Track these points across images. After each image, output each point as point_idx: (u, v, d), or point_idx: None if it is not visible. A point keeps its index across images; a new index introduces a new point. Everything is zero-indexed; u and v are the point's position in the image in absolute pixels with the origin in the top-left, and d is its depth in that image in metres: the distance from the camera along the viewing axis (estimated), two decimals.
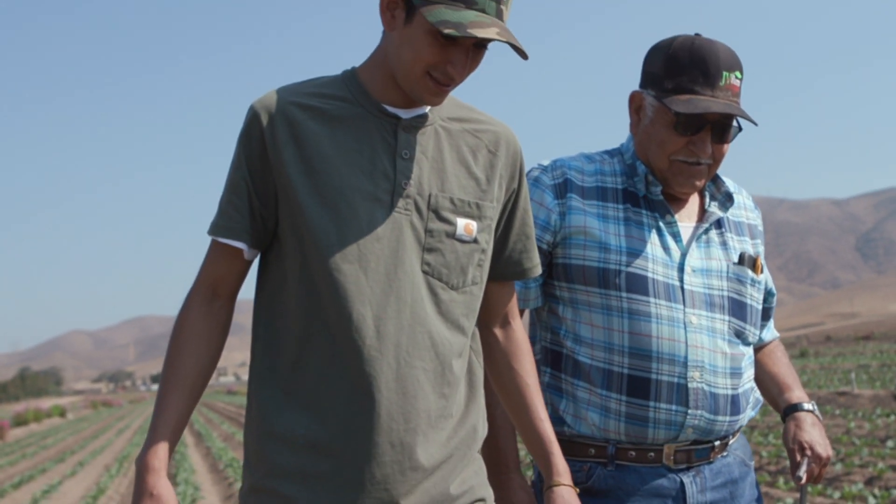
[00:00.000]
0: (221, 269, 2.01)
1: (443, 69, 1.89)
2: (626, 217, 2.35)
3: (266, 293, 2.02)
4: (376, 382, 1.88)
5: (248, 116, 1.98)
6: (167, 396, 1.94)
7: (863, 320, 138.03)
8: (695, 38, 2.32)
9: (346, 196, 1.93)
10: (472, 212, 2.02)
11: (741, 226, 2.49)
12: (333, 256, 1.90)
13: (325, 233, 1.91)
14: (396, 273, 1.93)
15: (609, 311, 2.30)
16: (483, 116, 2.13)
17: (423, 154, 2.00)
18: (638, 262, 2.30)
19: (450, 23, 1.79)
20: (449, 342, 1.98)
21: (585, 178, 2.39)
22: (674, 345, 2.26)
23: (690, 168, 2.32)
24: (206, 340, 1.98)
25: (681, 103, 2.24)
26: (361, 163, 1.95)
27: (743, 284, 2.38)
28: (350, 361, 1.89)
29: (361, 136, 1.97)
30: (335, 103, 1.98)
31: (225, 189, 2.01)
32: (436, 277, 1.98)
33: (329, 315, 1.91)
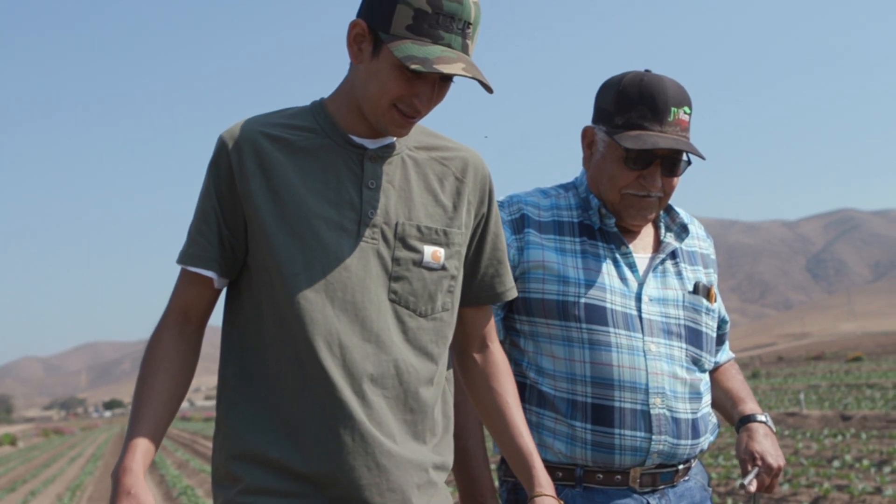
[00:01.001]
0: (192, 297, 2.02)
1: (409, 102, 1.92)
2: (583, 250, 2.40)
3: (235, 320, 2.04)
4: (345, 409, 1.91)
5: (217, 146, 1.99)
6: (142, 410, 1.94)
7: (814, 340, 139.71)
8: (644, 74, 2.37)
9: (313, 226, 1.95)
10: (440, 239, 2.04)
11: (694, 255, 2.54)
12: (300, 285, 1.93)
13: (291, 262, 1.93)
14: (363, 302, 1.95)
15: (570, 342, 2.34)
16: (450, 143, 2.14)
17: (389, 183, 2.02)
18: (596, 293, 2.34)
19: (416, 58, 1.83)
20: (415, 369, 2.00)
21: (542, 213, 2.43)
22: (635, 373, 2.30)
23: (641, 201, 2.37)
24: (179, 361, 1.99)
25: (630, 139, 2.30)
26: (328, 193, 1.97)
27: (698, 313, 2.44)
28: (319, 388, 1.92)
29: (328, 166, 1.99)
30: (302, 134, 2.00)
31: (194, 218, 2.02)
32: (403, 305, 1.99)
33: (297, 343, 1.93)
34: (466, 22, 1.89)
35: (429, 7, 1.85)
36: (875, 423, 16.37)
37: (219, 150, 1.99)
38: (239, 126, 2.01)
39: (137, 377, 2.01)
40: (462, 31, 1.89)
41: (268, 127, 2.00)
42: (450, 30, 1.87)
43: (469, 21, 1.89)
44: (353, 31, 1.93)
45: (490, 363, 2.20)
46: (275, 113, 2.06)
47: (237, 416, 1.99)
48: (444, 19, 1.86)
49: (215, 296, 2.05)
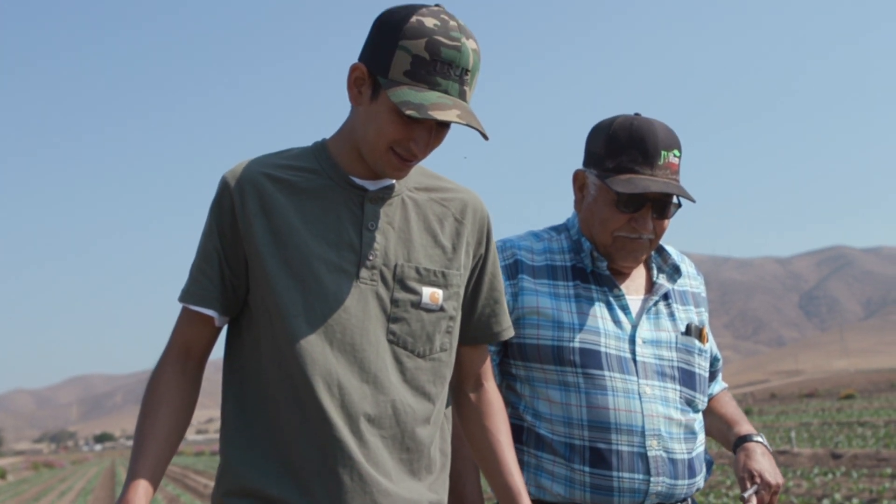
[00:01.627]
0: (192, 334, 2.05)
1: (406, 146, 1.94)
2: (576, 294, 2.42)
3: (236, 358, 2.06)
4: (343, 449, 1.93)
5: (220, 187, 2.02)
6: (144, 446, 1.96)
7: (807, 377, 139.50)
8: (634, 118, 2.39)
9: (313, 268, 1.97)
10: (438, 280, 2.05)
11: (686, 295, 2.56)
12: (300, 326, 1.94)
13: (292, 303, 1.95)
14: (361, 343, 1.97)
15: (566, 386, 2.35)
16: (450, 184, 2.16)
17: (389, 225, 2.03)
18: (591, 337, 2.36)
19: (411, 104, 1.84)
20: (413, 409, 2.02)
21: (535, 258, 2.46)
22: (631, 415, 2.32)
23: (633, 243, 2.39)
24: (180, 398, 2.02)
25: (621, 183, 2.32)
26: (328, 234, 1.99)
27: (691, 354, 2.46)
28: (318, 428, 1.93)
29: (329, 208, 2.01)
30: (304, 175, 2.02)
31: (196, 257, 2.05)
32: (401, 346, 2.02)
33: (297, 383, 1.95)
34: (464, 69, 1.90)
35: (427, 54, 1.87)
36: (865, 461, 16.43)
37: (221, 190, 2.01)
38: (241, 167, 2.03)
39: (139, 413, 2.03)
40: (460, 78, 1.90)
41: (270, 168, 2.02)
42: (447, 76, 1.88)
43: (467, 68, 1.91)
44: (353, 75, 1.95)
45: (484, 402, 2.21)
46: (277, 154, 2.08)
47: (237, 453, 2.01)
48: (441, 66, 1.88)
49: (216, 333, 2.07)
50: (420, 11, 1.91)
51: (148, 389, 2.03)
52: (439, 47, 1.87)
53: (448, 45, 1.88)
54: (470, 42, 1.92)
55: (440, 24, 1.89)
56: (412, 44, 1.87)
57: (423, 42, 1.87)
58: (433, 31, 1.88)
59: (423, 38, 1.87)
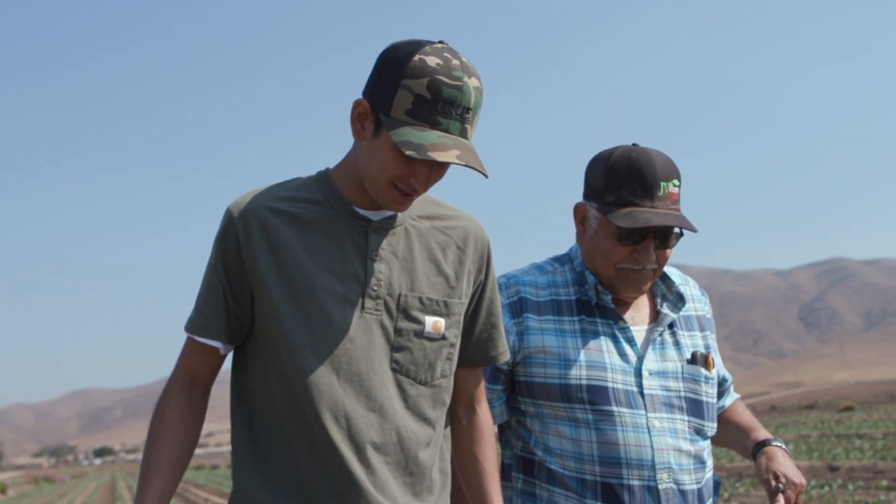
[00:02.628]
0: (197, 363, 2.08)
1: (406, 181, 1.96)
2: (581, 329, 2.42)
3: (244, 385, 2.09)
4: (351, 477, 1.97)
5: (224, 220, 2.04)
6: (149, 476, 2.01)
7: (807, 389, 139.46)
8: (632, 149, 2.39)
9: (318, 299, 1.99)
10: (441, 310, 2.09)
11: (690, 320, 2.56)
12: (307, 358, 1.98)
13: (298, 335, 1.98)
14: (367, 373, 2.01)
15: (576, 423, 2.36)
16: (452, 212, 2.19)
17: (392, 255, 2.06)
18: (597, 373, 2.37)
19: (412, 143, 1.87)
20: (415, 434, 2.05)
21: (540, 293, 2.47)
22: (641, 450, 2.32)
23: (636, 274, 2.40)
24: (185, 426, 2.05)
25: (622, 217, 2.32)
26: (333, 266, 2.02)
27: (697, 383, 2.46)
28: (326, 457, 1.97)
29: (333, 239, 2.03)
30: (308, 207, 2.05)
31: (201, 288, 2.08)
32: (404, 374, 2.05)
33: (305, 413, 1.98)
34: (466, 107, 1.91)
35: (428, 93, 1.88)
36: (862, 473, 16.49)
37: (226, 224, 2.03)
38: (246, 199, 2.05)
39: (146, 441, 2.06)
40: (461, 117, 1.91)
41: (274, 201, 2.04)
42: (448, 115, 1.89)
43: (469, 106, 1.92)
44: (357, 110, 1.96)
45: (475, 426, 2.23)
46: (281, 185, 2.10)
47: (247, 476, 2.05)
48: (443, 105, 1.88)
49: (221, 361, 2.11)
50: (423, 50, 1.92)
51: (154, 418, 2.07)
52: (441, 87, 1.88)
53: (450, 85, 1.89)
54: (472, 80, 1.93)
55: (443, 63, 1.90)
56: (415, 83, 1.88)
57: (425, 81, 1.88)
58: (436, 70, 1.89)
59: (426, 78, 1.88)
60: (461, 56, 1.94)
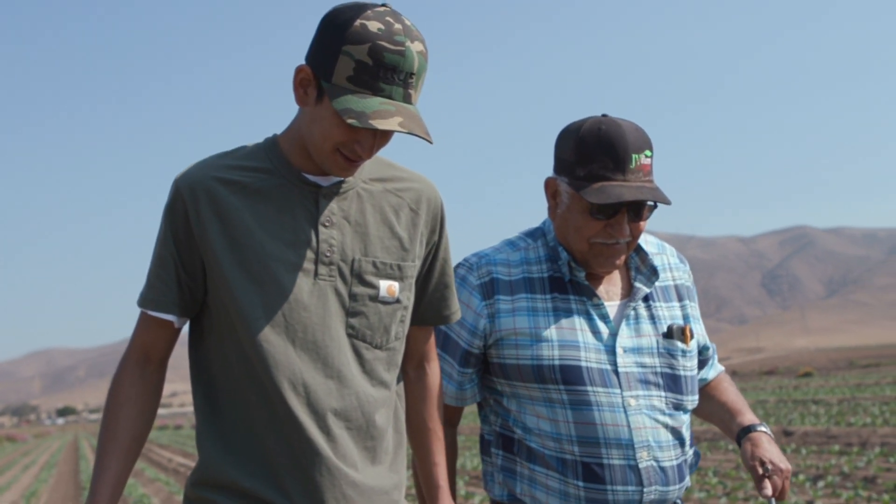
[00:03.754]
0: (152, 338, 2.06)
1: (350, 148, 1.94)
2: (554, 307, 2.39)
3: (202, 357, 2.08)
4: (312, 445, 1.97)
5: (172, 193, 2.02)
6: (105, 459, 2.00)
7: (768, 355, 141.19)
8: (602, 121, 2.33)
9: (270, 268, 1.98)
10: (395, 273, 2.08)
11: (668, 290, 2.52)
12: (261, 328, 1.96)
13: (251, 305, 1.97)
14: (324, 339, 2.00)
15: (551, 403, 2.34)
16: (404, 173, 2.16)
17: (345, 219, 2.04)
18: (570, 352, 2.34)
19: (353, 111, 1.84)
20: (373, 398, 2.05)
21: (512, 271, 2.43)
22: (618, 430, 2.30)
23: (610, 249, 2.36)
24: (140, 405, 2.04)
25: (594, 193, 2.27)
26: (284, 234, 2.00)
27: (674, 357, 2.42)
28: (286, 426, 1.97)
29: (283, 206, 2.01)
30: (257, 175, 2.02)
31: (152, 262, 2.05)
32: (360, 339, 2.04)
33: (263, 382, 1.97)
34: (409, 73, 1.89)
35: (370, 59, 1.85)
36: (815, 438, 16.84)
37: (174, 196, 2.01)
38: (193, 171, 2.02)
39: (101, 420, 2.05)
40: (404, 82, 1.88)
41: (222, 170, 2.02)
42: (391, 81, 1.87)
43: (412, 72, 1.89)
44: (299, 76, 1.94)
45: (423, 384, 2.24)
46: (229, 153, 2.07)
47: (210, 446, 2.04)
48: (384, 71, 1.86)
49: (175, 335, 2.09)
50: (365, 14, 1.88)
51: (109, 396, 2.05)
52: (383, 52, 1.85)
53: (392, 50, 1.86)
54: (415, 45, 1.89)
55: (384, 28, 1.87)
56: (356, 49, 1.85)
57: (366, 47, 1.85)
58: (377, 35, 1.86)
59: (367, 44, 1.85)
60: (404, 19, 1.91)
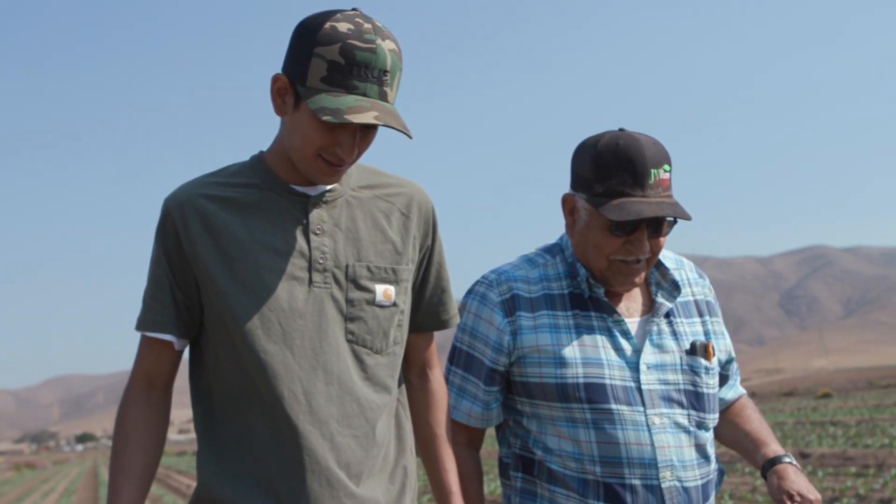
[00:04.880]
0: (153, 362, 2.06)
1: (332, 151, 1.95)
2: (576, 324, 2.36)
3: (201, 375, 2.08)
4: (314, 455, 1.96)
5: (162, 213, 2.03)
6: (118, 489, 2.00)
7: (787, 376, 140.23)
8: (619, 135, 2.30)
9: (264, 279, 1.99)
10: (389, 277, 2.08)
11: (688, 306, 2.49)
12: (258, 339, 1.96)
13: (247, 317, 1.97)
14: (322, 346, 2.00)
15: (574, 422, 2.30)
16: (392, 179, 2.17)
17: (336, 227, 2.05)
18: (594, 370, 2.31)
19: (328, 109, 1.85)
20: (376, 404, 2.05)
21: (532, 288, 2.40)
22: (641, 448, 2.27)
23: (629, 267, 2.33)
24: (149, 431, 2.04)
25: (613, 210, 2.24)
26: (275, 244, 2.01)
27: (697, 374, 2.39)
28: (289, 437, 1.96)
29: (273, 218, 2.02)
30: (245, 190, 2.03)
31: (147, 284, 2.06)
32: (360, 344, 2.04)
33: (262, 394, 1.97)
34: (382, 70, 1.90)
35: (342, 58, 1.87)
36: (832, 460, 16.78)
37: (164, 217, 2.02)
38: (181, 190, 2.04)
39: (111, 449, 2.03)
40: (378, 80, 1.90)
41: (210, 188, 2.03)
42: (364, 79, 1.88)
43: (385, 69, 1.91)
44: (276, 85, 1.96)
45: (428, 391, 2.25)
46: (216, 172, 2.09)
47: (209, 466, 2.04)
48: (357, 69, 1.88)
49: (177, 357, 2.09)
50: (334, 17, 1.91)
51: (116, 425, 2.05)
52: (353, 51, 1.88)
53: (362, 49, 1.88)
54: (387, 43, 1.92)
55: (354, 28, 1.89)
56: (327, 50, 1.88)
57: (336, 47, 1.88)
58: (347, 35, 1.88)
59: (338, 44, 1.88)
60: (374, 20, 1.93)
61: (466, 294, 2.47)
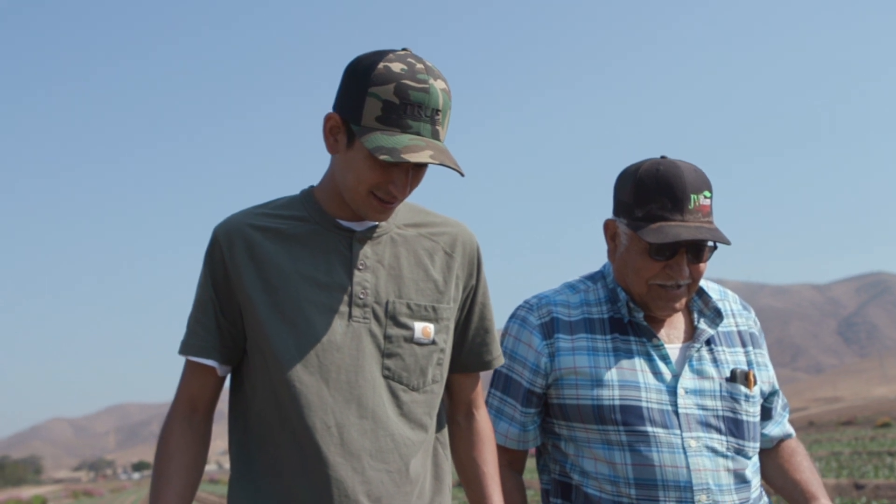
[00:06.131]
0: (196, 386, 2.09)
1: (385, 189, 1.97)
2: (615, 347, 2.37)
3: (238, 402, 2.11)
4: (343, 487, 1.96)
5: (211, 240, 2.07)
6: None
7: (846, 405, 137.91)
8: (660, 162, 2.33)
9: (304, 311, 2.01)
10: (429, 315, 2.09)
11: (731, 336, 2.49)
12: (294, 370, 1.98)
13: (285, 347, 1.99)
14: (357, 380, 2.01)
15: (610, 445, 2.31)
16: (438, 219, 2.19)
17: (379, 263, 2.07)
18: (631, 393, 2.31)
19: (385, 149, 1.87)
20: (411, 441, 2.05)
21: (572, 312, 2.43)
22: (677, 471, 2.27)
23: (669, 292, 2.34)
24: (190, 455, 2.06)
25: (652, 233, 2.26)
26: (318, 277, 2.03)
27: (737, 402, 2.38)
28: (318, 468, 1.97)
29: (318, 251, 2.05)
30: (292, 223, 2.07)
31: (193, 309, 2.10)
32: (396, 381, 2.05)
33: (295, 425, 1.98)
34: (435, 109, 1.93)
35: (396, 98, 1.90)
36: (887, 491, 16.62)
37: (212, 244, 2.07)
38: (230, 219, 2.08)
39: (153, 470, 2.06)
40: (431, 119, 1.93)
41: (258, 218, 2.07)
42: (418, 118, 1.91)
43: (437, 108, 1.93)
44: (328, 124, 1.99)
45: (474, 431, 2.24)
46: (266, 204, 2.12)
47: (240, 493, 2.07)
48: (411, 109, 1.90)
49: (220, 383, 2.12)
50: (387, 57, 1.94)
51: (158, 448, 2.07)
52: (408, 91, 1.90)
53: (416, 88, 1.91)
54: (438, 82, 1.94)
55: (407, 69, 1.92)
56: (381, 89, 1.90)
57: (391, 87, 1.90)
58: (401, 75, 1.91)
59: (392, 83, 1.90)
60: (425, 61, 1.97)
61: (509, 318, 2.50)
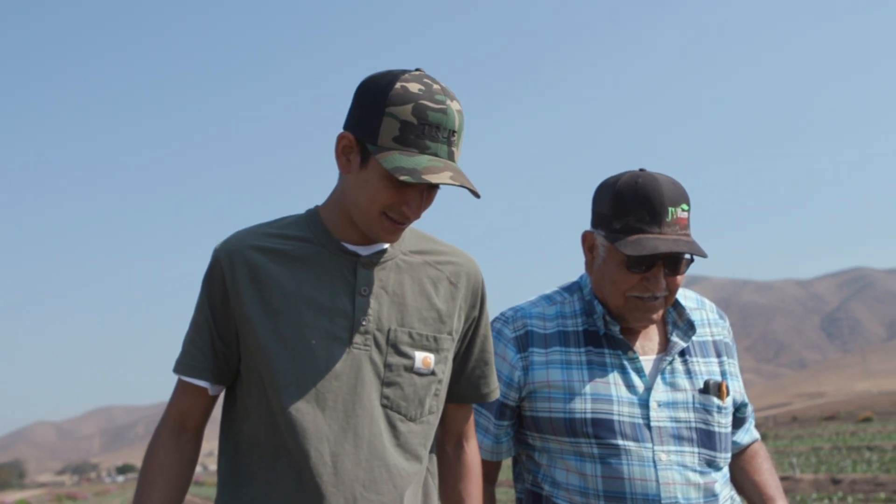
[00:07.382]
0: (187, 405, 2.08)
1: (398, 210, 1.95)
2: (588, 360, 2.39)
3: (232, 423, 2.09)
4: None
5: (211, 261, 2.05)
6: None
7: (829, 400, 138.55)
8: (639, 175, 2.34)
9: (305, 336, 1.98)
10: (430, 345, 2.07)
11: (706, 346, 2.51)
12: (291, 395, 1.96)
13: (283, 372, 1.97)
14: (355, 409, 1.98)
15: (581, 457, 2.33)
16: (445, 248, 2.17)
17: (382, 289, 2.04)
18: (603, 406, 2.33)
19: (404, 169, 1.85)
20: (406, 472, 2.02)
21: (547, 325, 2.43)
22: (646, 484, 2.28)
23: (646, 304, 2.35)
24: (175, 472, 2.05)
25: (629, 245, 2.27)
26: (321, 301, 2.00)
27: (710, 413, 2.40)
28: (311, 495, 1.94)
29: (322, 274, 2.02)
30: (296, 244, 2.04)
31: (189, 329, 2.08)
32: (394, 410, 2.02)
33: (289, 450, 1.96)
34: (451, 130, 1.92)
35: (414, 118, 1.88)
36: (863, 486, 16.74)
37: (212, 264, 2.04)
38: (232, 239, 2.05)
39: (136, 487, 2.05)
40: (448, 140, 1.91)
41: (261, 239, 2.05)
42: (436, 139, 1.90)
43: (454, 129, 1.92)
44: (341, 144, 1.96)
45: (462, 463, 2.23)
46: (269, 223, 2.09)
47: None
48: (429, 129, 1.89)
49: (211, 402, 2.10)
50: (403, 77, 1.93)
51: (144, 462, 2.06)
52: (426, 111, 1.89)
53: (434, 109, 1.90)
54: (454, 104, 1.94)
55: (424, 89, 1.91)
56: (399, 110, 1.89)
57: (409, 107, 1.89)
58: (419, 95, 1.90)
59: (410, 104, 1.89)
60: (440, 81, 1.96)
61: None
